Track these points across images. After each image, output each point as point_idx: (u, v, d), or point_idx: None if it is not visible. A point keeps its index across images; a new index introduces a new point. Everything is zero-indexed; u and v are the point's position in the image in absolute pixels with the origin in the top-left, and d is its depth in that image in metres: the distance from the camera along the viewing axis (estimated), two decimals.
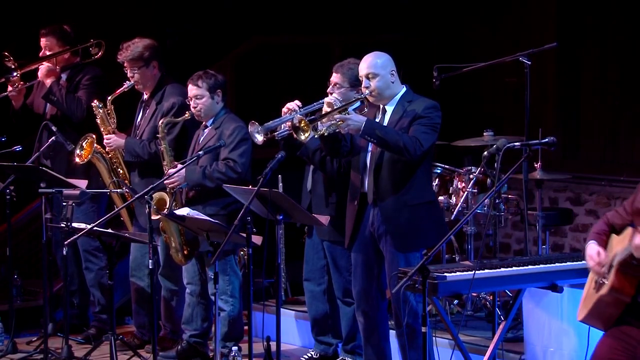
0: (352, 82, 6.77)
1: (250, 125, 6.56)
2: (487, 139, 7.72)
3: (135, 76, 7.58)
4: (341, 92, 6.78)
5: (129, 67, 7.57)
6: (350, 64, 6.84)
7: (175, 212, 6.77)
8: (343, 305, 7.09)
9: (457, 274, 5.93)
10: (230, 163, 7.08)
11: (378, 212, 6.38)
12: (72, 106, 7.88)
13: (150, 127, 7.57)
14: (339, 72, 6.86)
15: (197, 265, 7.35)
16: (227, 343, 7.13)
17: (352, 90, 6.75)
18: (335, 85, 6.85)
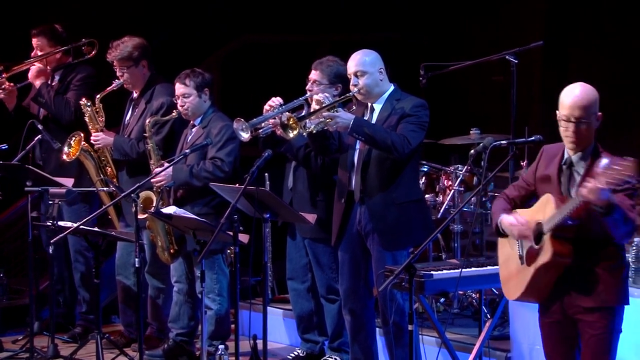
0: (331, 79, 6.83)
1: (235, 122, 6.55)
2: (474, 137, 7.74)
3: (124, 75, 7.56)
4: (320, 89, 6.80)
5: (119, 66, 7.55)
6: (329, 61, 6.88)
7: (162, 210, 6.75)
8: (327, 302, 7.09)
9: (443, 272, 5.94)
10: (218, 162, 7.06)
11: (365, 210, 6.38)
12: (60, 108, 7.86)
13: (139, 125, 7.54)
14: (318, 69, 6.89)
15: (185, 264, 7.33)
16: (213, 342, 7.12)
17: (331, 87, 6.81)
18: (314, 82, 6.87)
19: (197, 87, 7.19)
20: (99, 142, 7.60)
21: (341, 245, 6.52)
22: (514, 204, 5.24)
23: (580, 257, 4.97)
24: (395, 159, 6.25)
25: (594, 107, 5.02)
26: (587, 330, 5.02)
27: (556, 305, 5.09)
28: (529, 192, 5.23)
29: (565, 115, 5.01)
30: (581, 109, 4.98)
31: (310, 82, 6.91)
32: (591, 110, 5.00)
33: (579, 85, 5.06)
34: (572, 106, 4.99)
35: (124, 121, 7.76)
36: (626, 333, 5.57)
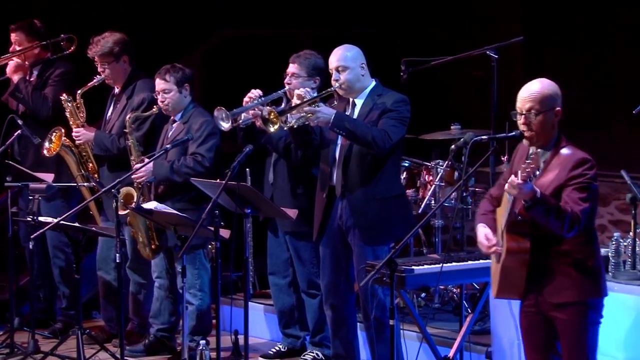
0: (310, 72, 6.86)
1: (216, 111, 6.56)
2: (455, 133, 7.74)
3: (105, 71, 7.53)
4: (299, 82, 6.83)
5: (100, 62, 7.52)
6: (306, 54, 6.91)
7: (142, 206, 6.73)
8: (308, 297, 7.08)
9: (424, 267, 5.95)
10: (199, 157, 7.04)
11: (346, 205, 6.38)
12: (38, 104, 7.82)
13: (120, 121, 7.52)
14: (296, 62, 6.90)
15: (166, 260, 7.31)
16: (195, 337, 7.10)
17: (310, 80, 6.85)
18: (292, 75, 6.89)
19: (178, 82, 7.17)
20: (80, 138, 7.57)
21: (322, 240, 6.52)
22: (497, 203, 5.24)
23: (542, 253, 4.98)
24: (376, 154, 6.25)
25: (549, 101, 5.01)
26: (561, 327, 5.03)
27: (532, 301, 5.10)
28: None
29: (518, 107, 5.04)
30: (531, 101, 4.99)
31: (289, 75, 6.93)
32: (544, 103, 4.99)
33: (537, 80, 5.08)
34: (523, 99, 5.02)
35: (106, 117, 7.73)
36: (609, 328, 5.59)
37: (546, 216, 4.83)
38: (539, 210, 4.82)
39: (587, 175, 4.93)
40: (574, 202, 4.89)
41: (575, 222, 4.88)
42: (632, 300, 6.07)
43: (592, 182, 4.94)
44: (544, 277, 5.01)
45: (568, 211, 4.86)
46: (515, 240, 4.98)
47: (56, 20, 8.96)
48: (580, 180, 4.92)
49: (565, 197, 4.92)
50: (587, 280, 5.01)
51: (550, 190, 4.90)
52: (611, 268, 6.31)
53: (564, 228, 4.88)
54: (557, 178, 4.93)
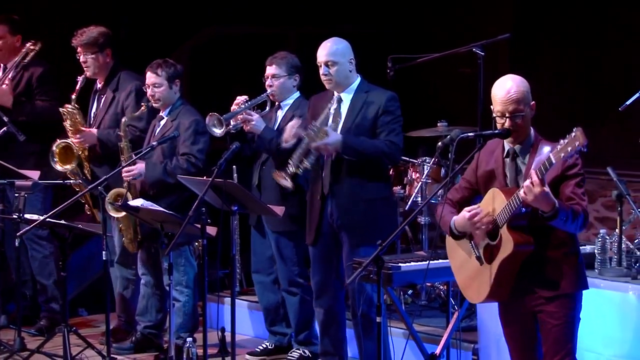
0: (289, 70, 6.95)
1: (208, 118, 6.60)
2: (441, 130, 7.74)
3: (88, 61, 7.51)
4: (280, 82, 6.93)
5: (83, 52, 7.51)
6: (281, 55, 7.01)
7: (129, 203, 6.71)
8: (288, 295, 7.09)
9: (411, 264, 5.95)
10: (192, 159, 7.01)
11: (335, 205, 6.38)
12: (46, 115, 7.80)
13: (110, 115, 7.51)
14: (274, 64, 6.97)
15: (152, 256, 7.29)
16: (181, 334, 7.09)
17: (290, 79, 6.95)
18: (273, 76, 6.95)
19: (169, 77, 7.16)
20: (85, 142, 7.51)
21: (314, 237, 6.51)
22: (458, 207, 5.23)
23: (536, 245, 4.97)
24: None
25: (527, 98, 5.01)
26: (549, 320, 5.02)
27: (516, 302, 5.09)
28: (472, 192, 5.24)
29: (499, 111, 5.01)
30: (514, 103, 4.98)
31: (269, 77, 6.97)
32: (524, 102, 4.99)
33: (508, 79, 5.05)
34: (505, 102, 4.99)
35: (90, 114, 7.70)
36: (595, 324, 5.61)
37: (565, 223, 4.86)
38: (560, 219, 4.83)
39: (579, 165, 4.96)
40: (580, 197, 4.92)
41: (587, 218, 4.93)
42: (618, 297, 6.08)
43: (583, 172, 4.98)
44: (535, 270, 5.00)
45: (580, 210, 4.88)
46: (519, 235, 4.95)
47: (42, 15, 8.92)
48: (576, 170, 4.94)
49: (570, 194, 4.92)
50: (575, 272, 5.04)
51: (546, 182, 4.88)
52: (597, 265, 6.32)
53: (577, 227, 4.92)
54: (553, 169, 4.90)
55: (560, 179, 4.95)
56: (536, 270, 5.01)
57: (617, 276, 6.24)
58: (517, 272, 5.02)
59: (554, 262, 5.00)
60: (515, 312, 5.12)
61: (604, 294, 6.06)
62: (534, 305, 5.05)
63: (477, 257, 5.11)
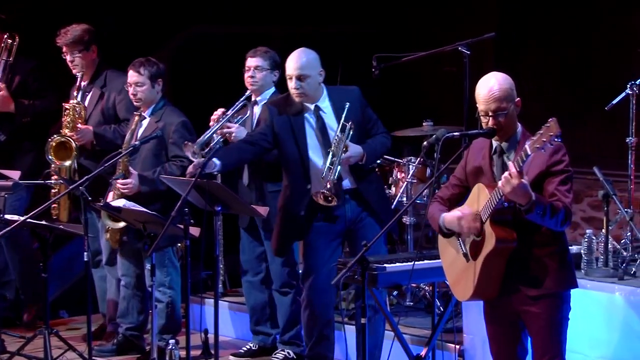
0: (271, 65, 6.97)
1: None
2: (427, 129, 7.73)
3: (75, 60, 7.49)
4: (263, 74, 6.95)
5: (69, 51, 7.48)
6: (263, 49, 7.05)
7: (110, 203, 6.67)
8: (280, 295, 7.06)
9: (396, 264, 5.93)
10: (185, 162, 6.95)
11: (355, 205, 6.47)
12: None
13: (98, 111, 7.48)
14: (257, 56, 7.01)
15: (132, 257, 7.24)
16: (164, 336, 7.06)
17: (272, 73, 6.96)
18: (256, 68, 6.96)
19: (151, 76, 7.12)
20: (82, 139, 7.47)
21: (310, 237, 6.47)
22: (449, 204, 5.22)
23: (522, 243, 4.94)
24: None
25: (511, 95, 4.99)
26: (535, 321, 4.99)
27: (502, 302, 5.06)
28: (463, 189, 5.22)
29: (483, 110, 5.01)
30: (497, 101, 4.96)
31: (252, 68, 6.97)
32: (508, 99, 4.97)
33: (491, 77, 5.03)
34: (488, 100, 4.98)
35: None
36: (582, 325, 5.60)
37: (542, 217, 4.83)
38: (537, 213, 4.80)
39: (565, 162, 4.94)
40: (563, 195, 4.89)
41: (568, 215, 4.89)
42: (605, 298, 6.09)
43: (570, 169, 4.96)
44: (521, 269, 4.97)
45: (560, 207, 4.85)
46: (502, 229, 4.93)
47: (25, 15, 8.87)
48: (561, 167, 4.91)
49: (553, 190, 4.90)
50: (564, 271, 5.00)
51: (530, 178, 4.87)
52: (584, 265, 6.33)
53: (558, 224, 4.88)
54: (537, 165, 4.91)
55: (545, 175, 4.93)
56: (521, 268, 4.98)
57: (604, 277, 6.25)
58: (504, 270, 4.99)
59: (539, 260, 4.97)
60: (500, 311, 5.09)
61: (591, 294, 6.06)
62: (519, 305, 5.01)
63: (464, 254, 5.09)
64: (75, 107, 7.48)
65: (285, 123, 6.41)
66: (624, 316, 6.01)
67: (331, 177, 6.21)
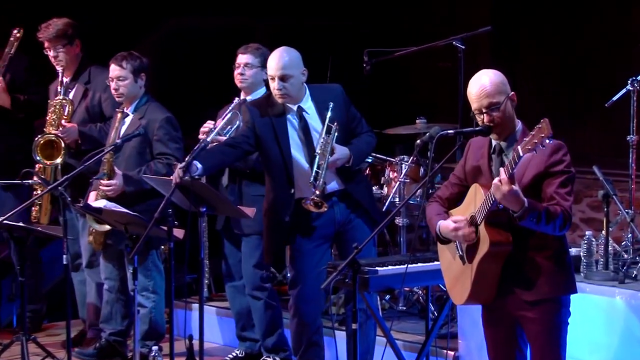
0: (262, 62, 6.92)
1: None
2: (420, 127, 7.75)
3: (59, 55, 7.49)
4: (253, 72, 6.96)
5: (53, 46, 7.48)
6: (255, 46, 7.06)
7: (90, 204, 6.67)
8: (253, 300, 7.09)
9: (389, 267, 5.94)
10: (171, 160, 6.95)
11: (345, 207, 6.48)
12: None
13: (82, 109, 7.49)
14: (247, 53, 7.01)
15: (115, 261, 7.25)
16: (147, 342, 7.06)
17: (262, 71, 6.92)
18: (246, 65, 6.97)
19: (134, 71, 7.11)
20: (68, 137, 7.47)
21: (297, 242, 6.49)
22: (448, 204, 5.23)
23: (518, 246, 4.95)
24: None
25: (503, 89, 4.99)
26: (531, 327, 5.00)
27: (499, 306, 5.07)
28: (463, 189, 5.22)
29: (476, 108, 5.01)
30: (488, 96, 4.96)
31: (242, 65, 6.98)
32: (500, 93, 4.97)
33: (481, 74, 5.04)
34: (478, 97, 4.99)
35: None
36: (581, 330, 5.62)
37: (537, 224, 4.83)
38: (530, 220, 4.80)
39: (565, 162, 4.91)
40: (562, 197, 4.87)
41: (567, 220, 4.88)
42: (605, 302, 6.11)
43: (571, 169, 4.93)
44: (517, 272, 4.97)
45: (558, 211, 4.84)
46: (497, 233, 4.93)
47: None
48: (561, 167, 4.90)
49: (552, 193, 4.89)
50: (561, 276, 4.99)
51: (528, 180, 4.89)
52: (583, 268, 6.35)
53: (555, 229, 4.87)
54: (534, 165, 4.91)
55: (543, 176, 4.93)
56: (518, 271, 4.98)
57: (604, 280, 6.27)
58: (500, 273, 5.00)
59: (536, 263, 4.96)
60: (498, 315, 5.10)
61: (590, 298, 6.09)
62: (516, 309, 5.02)
63: (460, 257, 5.10)
64: (63, 103, 7.47)
65: (267, 125, 6.40)
66: (624, 321, 6.04)
67: (320, 182, 6.21)
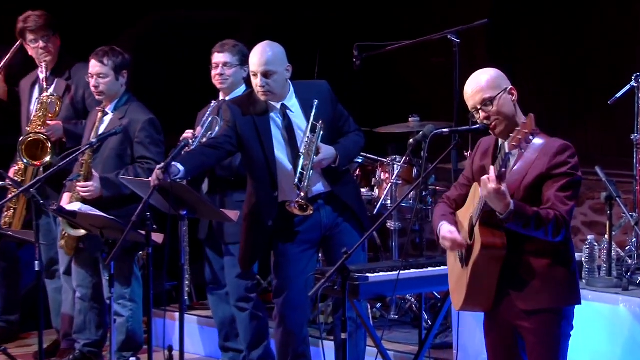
0: (241, 60, 6.98)
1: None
2: (413, 125, 7.75)
3: (48, 45, 7.50)
4: (233, 71, 6.98)
5: (38, 36, 7.51)
6: (231, 43, 7.08)
7: (64, 207, 6.66)
8: (238, 311, 7.09)
9: (380, 274, 5.94)
10: (152, 165, 6.92)
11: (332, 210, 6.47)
12: None
13: (66, 105, 7.49)
14: (225, 51, 7.03)
15: (89, 267, 7.23)
16: (124, 353, 7.06)
17: (241, 69, 6.98)
18: (225, 64, 7.00)
19: (116, 67, 7.09)
20: (54, 135, 7.46)
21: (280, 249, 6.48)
22: (456, 205, 5.21)
23: (516, 251, 4.92)
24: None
25: (497, 84, 4.97)
26: (530, 338, 4.97)
27: (498, 313, 5.05)
28: (469, 189, 5.22)
29: (471, 106, 5.01)
30: (479, 92, 4.96)
31: (220, 65, 7.00)
32: (494, 87, 4.95)
33: (477, 73, 5.04)
34: (472, 94, 4.99)
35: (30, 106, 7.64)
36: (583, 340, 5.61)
37: (524, 228, 4.81)
38: (515, 223, 4.79)
39: (570, 164, 4.88)
40: (560, 201, 4.84)
41: (561, 226, 4.83)
42: (608, 310, 6.11)
43: (576, 172, 4.89)
44: (515, 279, 4.94)
45: (550, 216, 4.81)
46: (491, 234, 4.90)
47: None
48: (564, 169, 4.87)
49: (550, 195, 4.86)
50: (562, 285, 4.95)
51: (529, 181, 4.88)
52: (585, 274, 6.35)
53: (548, 235, 4.83)
54: (537, 166, 4.89)
55: (544, 178, 4.91)
56: (515, 277, 4.95)
57: (607, 287, 6.27)
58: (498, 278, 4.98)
59: (535, 269, 4.93)
60: (497, 322, 5.08)
61: (592, 306, 6.09)
62: (514, 318, 5.00)
63: (460, 259, 5.09)
64: (51, 101, 7.45)
65: (249, 124, 6.38)
66: (628, 330, 6.04)
67: (304, 184, 6.20)
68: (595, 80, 9.09)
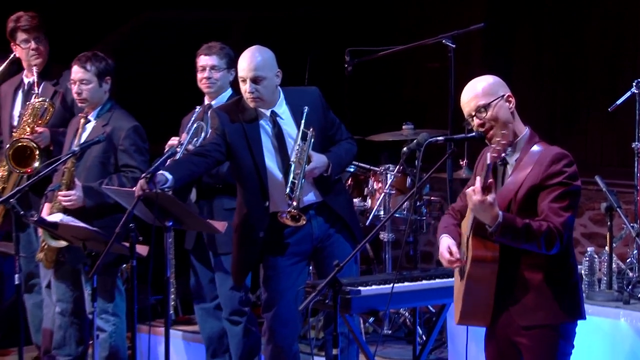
0: (228, 63, 6.99)
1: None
2: (407, 133, 7.76)
3: (40, 46, 7.51)
4: (221, 74, 6.98)
5: (31, 37, 7.51)
6: (218, 45, 7.07)
7: (45, 218, 6.64)
8: (230, 325, 7.08)
9: (373, 287, 5.93)
10: (137, 173, 6.90)
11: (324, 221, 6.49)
12: None
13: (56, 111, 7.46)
14: (212, 54, 7.02)
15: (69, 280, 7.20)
16: None
17: (229, 73, 6.98)
18: (213, 68, 6.99)
19: (99, 73, 7.07)
20: (43, 141, 7.44)
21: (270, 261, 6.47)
22: (461, 216, 5.18)
23: (512, 264, 4.90)
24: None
25: (493, 91, 4.97)
26: (527, 354, 4.95)
27: (498, 327, 5.03)
28: None
29: (467, 113, 5.02)
30: (474, 99, 4.98)
31: (208, 68, 6.98)
32: (488, 95, 4.96)
33: (473, 80, 5.05)
34: (467, 101, 5.01)
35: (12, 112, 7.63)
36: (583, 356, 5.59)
37: (514, 241, 4.80)
38: (505, 235, 4.78)
39: (566, 173, 4.86)
40: (554, 213, 4.82)
41: (554, 238, 4.81)
42: (608, 325, 6.11)
43: (572, 182, 4.87)
44: (512, 293, 4.93)
45: (543, 228, 4.79)
46: (483, 247, 4.88)
47: None
48: (559, 179, 4.85)
49: (544, 207, 4.85)
50: (562, 300, 4.92)
51: (523, 191, 4.87)
52: (585, 287, 6.36)
53: (541, 247, 4.81)
54: (532, 176, 4.88)
55: (539, 189, 4.89)
56: (511, 292, 4.94)
57: (607, 300, 6.28)
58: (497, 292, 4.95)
59: (531, 284, 4.91)
60: (495, 336, 5.06)
61: (592, 320, 6.06)
62: (512, 333, 4.98)
63: (460, 271, 5.08)
64: (43, 106, 7.43)
65: (238, 132, 6.37)
66: (630, 345, 6.04)
67: (296, 193, 6.18)
68: (595, 85, 9.11)
